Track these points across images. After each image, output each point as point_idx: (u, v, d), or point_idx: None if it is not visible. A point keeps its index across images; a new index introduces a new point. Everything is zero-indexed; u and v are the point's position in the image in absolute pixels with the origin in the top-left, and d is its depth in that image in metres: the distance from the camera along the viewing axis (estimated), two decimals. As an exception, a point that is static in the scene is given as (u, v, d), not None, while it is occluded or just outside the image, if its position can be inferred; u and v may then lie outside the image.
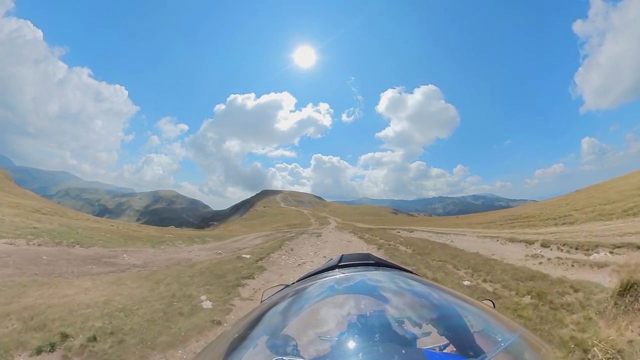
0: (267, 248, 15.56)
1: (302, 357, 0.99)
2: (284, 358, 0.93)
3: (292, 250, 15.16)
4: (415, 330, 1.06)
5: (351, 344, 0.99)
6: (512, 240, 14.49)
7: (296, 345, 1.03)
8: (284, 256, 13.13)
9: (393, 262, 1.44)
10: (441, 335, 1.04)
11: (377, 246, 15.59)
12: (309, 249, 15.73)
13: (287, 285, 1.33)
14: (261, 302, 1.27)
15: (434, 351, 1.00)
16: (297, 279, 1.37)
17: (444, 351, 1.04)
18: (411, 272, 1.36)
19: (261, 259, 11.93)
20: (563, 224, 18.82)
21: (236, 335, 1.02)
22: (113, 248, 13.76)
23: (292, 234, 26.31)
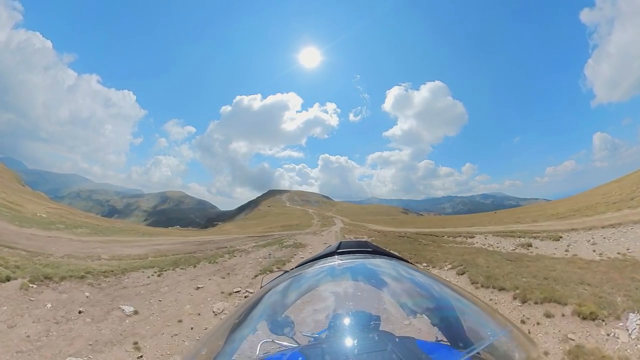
0: None
1: (297, 341, 1.08)
2: (279, 342, 1.05)
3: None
4: (408, 319, 1.11)
5: (346, 330, 1.04)
6: None
7: (292, 329, 1.11)
8: None
9: (391, 251, 1.44)
10: (434, 325, 1.08)
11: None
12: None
13: (286, 271, 1.34)
14: (261, 287, 1.30)
15: (425, 341, 1.04)
16: (296, 265, 1.39)
17: (435, 341, 1.06)
18: (409, 262, 1.37)
19: None
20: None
21: (236, 320, 1.06)
22: None
23: (254, 244, 19.33)
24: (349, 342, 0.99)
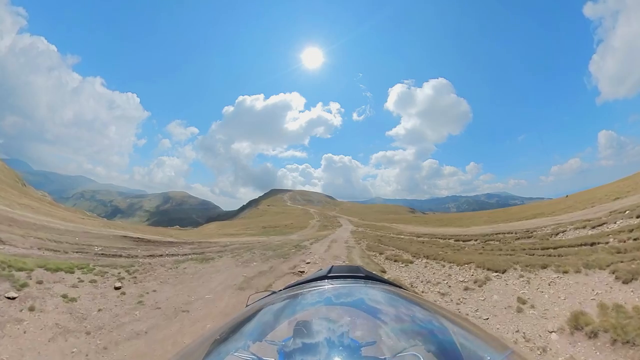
0: None
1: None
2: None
3: None
4: (401, 346, 1.06)
5: (333, 356, 0.99)
6: None
7: (276, 352, 1.06)
8: None
9: (383, 277, 1.39)
10: (428, 352, 1.03)
11: None
12: None
13: (274, 292, 1.30)
14: (246, 306, 1.27)
15: None
16: (285, 287, 1.33)
17: None
18: (400, 287, 1.32)
19: None
20: None
21: (217, 337, 1.04)
22: None
23: None
24: None
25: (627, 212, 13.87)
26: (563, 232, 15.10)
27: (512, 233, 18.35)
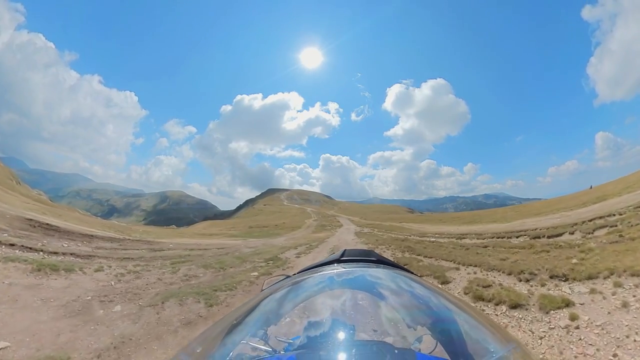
0: None
1: (294, 347, 1.06)
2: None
3: None
4: (409, 331, 1.10)
5: (343, 338, 1.05)
6: None
7: (289, 335, 1.11)
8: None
9: (395, 262, 1.42)
10: (434, 339, 1.07)
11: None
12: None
13: (288, 276, 1.35)
14: (261, 290, 1.32)
15: (425, 354, 1.03)
16: (298, 271, 1.38)
17: (435, 355, 1.05)
18: (412, 273, 1.35)
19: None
20: None
21: (234, 321, 1.08)
22: None
23: None
24: (346, 350, 0.97)
25: None
26: None
27: (614, 215, 13.69)
